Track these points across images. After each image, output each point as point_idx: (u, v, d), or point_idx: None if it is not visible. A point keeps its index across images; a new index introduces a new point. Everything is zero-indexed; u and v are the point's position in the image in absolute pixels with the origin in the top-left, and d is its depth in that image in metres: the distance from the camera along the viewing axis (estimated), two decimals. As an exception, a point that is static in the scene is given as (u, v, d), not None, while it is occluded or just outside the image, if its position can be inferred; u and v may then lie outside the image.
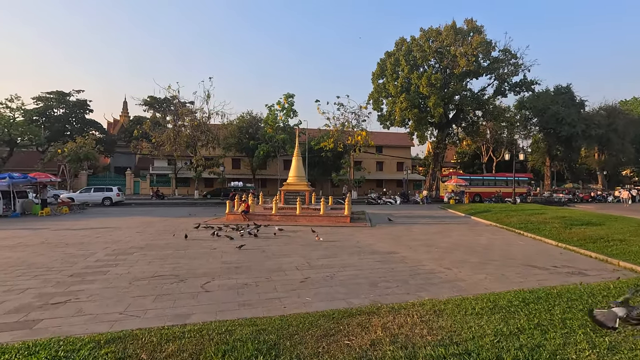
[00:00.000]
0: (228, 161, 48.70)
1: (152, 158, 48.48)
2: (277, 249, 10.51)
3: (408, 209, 26.05)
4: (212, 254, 9.82)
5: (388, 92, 37.38)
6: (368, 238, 12.70)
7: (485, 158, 52.07)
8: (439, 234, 13.90)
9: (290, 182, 20.24)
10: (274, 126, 36.39)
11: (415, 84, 35.73)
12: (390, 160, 53.57)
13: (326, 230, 14.68)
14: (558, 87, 44.73)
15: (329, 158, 40.36)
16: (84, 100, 48.21)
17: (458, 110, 38.76)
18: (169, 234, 13.29)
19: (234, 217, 17.26)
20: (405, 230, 14.91)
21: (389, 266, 8.46)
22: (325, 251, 10.26)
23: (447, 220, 18.98)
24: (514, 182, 32.73)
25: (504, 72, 37.66)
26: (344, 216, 16.86)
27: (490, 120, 39.87)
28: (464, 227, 16.03)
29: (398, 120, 36.72)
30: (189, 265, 8.40)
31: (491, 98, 38.76)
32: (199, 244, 11.25)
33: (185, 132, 33.97)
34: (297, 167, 20.41)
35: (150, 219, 18.37)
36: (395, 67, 36.98)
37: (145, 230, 14.35)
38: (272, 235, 13.04)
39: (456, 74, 35.92)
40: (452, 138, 42.42)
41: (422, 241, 12.09)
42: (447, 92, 36.45)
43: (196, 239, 12.31)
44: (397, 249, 10.69)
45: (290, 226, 15.68)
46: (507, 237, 13.18)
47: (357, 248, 10.79)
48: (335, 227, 15.57)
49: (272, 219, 16.94)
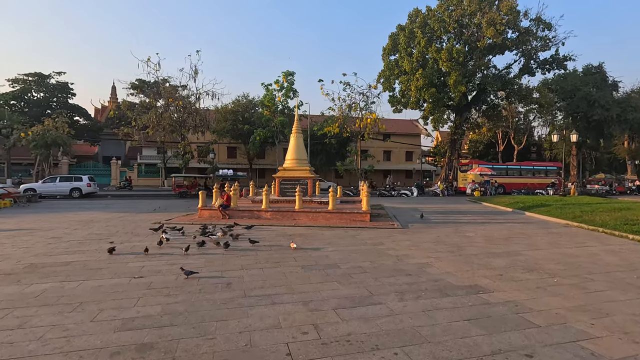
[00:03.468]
0: (223, 149, 43.58)
1: (140, 147, 43.52)
2: (253, 279, 5.49)
3: (430, 202, 20.97)
4: (126, 290, 4.81)
5: (401, 70, 31.98)
6: (409, 250, 7.67)
7: (502, 146, 46.75)
8: (511, 241, 8.84)
9: (287, 166, 15.07)
10: (271, 108, 31.10)
11: (433, 59, 30.38)
12: (398, 149, 48.35)
13: (338, 233, 9.64)
14: (588, 67, 39.19)
15: (332, 146, 35.15)
16: (64, 83, 42.99)
17: (479, 90, 33.35)
18: (99, 242, 8.29)
19: (209, 214, 12.22)
20: (455, 234, 9.85)
21: (504, 338, 3.42)
22: (346, 284, 5.24)
23: (497, 217, 13.89)
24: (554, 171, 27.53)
25: (533, 47, 32.16)
26: (362, 213, 11.77)
27: (516, 101, 34.48)
28: (533, 228, 10.97)
29: (413, 101, 31.41)
30: (38, 334, 3.39)
31: (517, 77, 33.28)
32: (122, 266, 6.23)
33: (168, 114, 28.70)
34: (296, 148, 15.21)
35: (100, 216, 13.37)
36: (409, 40, 31.54)
37: (72, 234, 9.36)
38: (254, 245, 8.00)
39: (479, 48, 30.51)
40: (470, 123, 37.07)
41: (504, 257, 7.03)
42: (468, 69, 31.10)
43: (131, 252, 7.30)
44: (476, 275, 5.65)
45: (285, 227, 10.65)
46: (632, 247, 8.11)
47: (402, 273, 5.76)
48: (351, 229, 10.53)
49: (262, 217, 11.91)
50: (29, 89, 42.06)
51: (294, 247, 7.53)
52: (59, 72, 42.53)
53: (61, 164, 39.12)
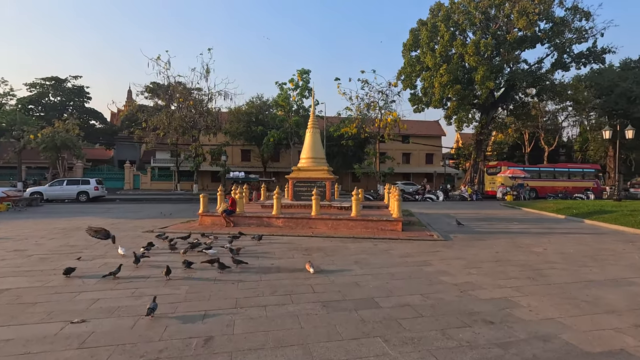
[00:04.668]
0: (237, 152, 42.11)
1: (154, 150, 42.52)
2: (249, 329, 3.48)
3: (461, 207, 18.62)
4: (44, 352, 2.90)
5: (423, 66, 29.71)
6: (468, 274, 5.53)
7: (529, 148, 43.60)
8: (602, 261, 6.58)
9: (302, 166, 13.03)
10: (286, 107, 29.32)
11: (458, 54, 28.02)
12: (418, 152, 45.85)
13: (367, 247, 7.58)
14: (626, 61, 35.89)
15: (349, 148, 33.08)
16: (81, 87, 42.58)
17: (508, 87, 30.68)
18: (66, 257, 6.51)
19: (211, 221, 10.36)
20: (515, 248, 7.63)
21: None
22: (397, 344, 3.17)
23: (553, 226, 11.51)
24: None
25: (568, 39, 29.33)
26: (392, 220, 9.63)
27: (548, 99, 31.63)
28: (612, 241, 8.62)
29: (436, 99, 29.03)
30: None
31: (549, 72, 30.45)
32: (68, 298, 4.36)
33: (179, 114, 27.26)
34: (312, 145, 13.20)
35: (94, 221, 11.69)
36: (432, 35, 29.27)
37: (43, 245, 7.64)
38: (259, 265, 6.03)
39: (508, 41, 27.97)
40: (497, 122, 34.30)
41: (612, 288, 4.82)
42: (495, 64, 28.56)
43: (95, 273, 5.45)
44: (603, 326, 3.49)
45: (300, 238, 8.66)
46: None
47: (477, 320, 3.65)
48: (380, 240, 8.44)
49: (273, 224, 9.96)
50: (46, 93, 41.84)
51: (312, 272, 5.53)
52: (75, 76, 42.24)
53: (76, 167, 38.49)
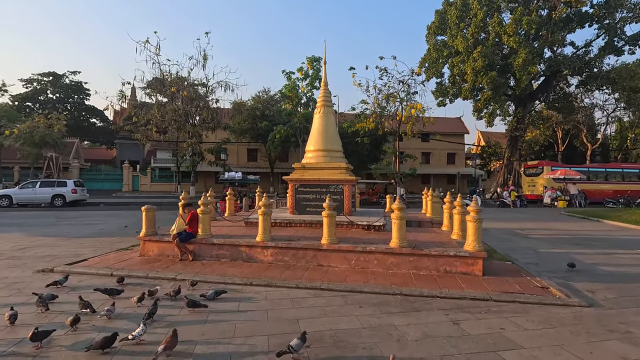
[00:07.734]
0: (242, 152, 38.28)
1: (154, 149, 39.15)
2: None
3: (513, 218, 14.18)
4: None
5: (452, 51, 25.26)
6: None
7: (562, 146, 38.49)
8: None
9: (309, 162, 8.56)
10: (294, 99, 25.29)
11: (494, 34, 23.50)
12: (439, 151, 41.13)
13: (435, 331, 3.38)
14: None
15: (365, 146, 28.84)
16: (79, 83, 39.48)
17: (551, 74, 25.96)
18: None
19: (158, 249, 6.29)
20: None
21: None
22: None
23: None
24: None
25: (621, 18, 24.48)
26: (466, 257, 5.32)
27: (597, 88, 26.72)
28: None
29: (467, 88, 24.55)
30: None
31: (597, 57, 25.60)
32: None
33: (171, 106, 23.53)
34: (323, 131, 8.66)
35: (22, 241, 7.84)
36: (463, 14, 24.80)
37: None
38: None
39: (553, 20, 23.34)
40: (533, 116, 29.57)
41: None
42: (535, 48, 23.94)
43: None
44: None
45: (299, 291, 4.50)
46: None
47: None
48: (455, 304, 4.24)
49: (255, 259, 5.86)
50: (44, 90, 38.92)
51: None
52: (73, 71, 39.22)
53: (71, 167, 35.27)
